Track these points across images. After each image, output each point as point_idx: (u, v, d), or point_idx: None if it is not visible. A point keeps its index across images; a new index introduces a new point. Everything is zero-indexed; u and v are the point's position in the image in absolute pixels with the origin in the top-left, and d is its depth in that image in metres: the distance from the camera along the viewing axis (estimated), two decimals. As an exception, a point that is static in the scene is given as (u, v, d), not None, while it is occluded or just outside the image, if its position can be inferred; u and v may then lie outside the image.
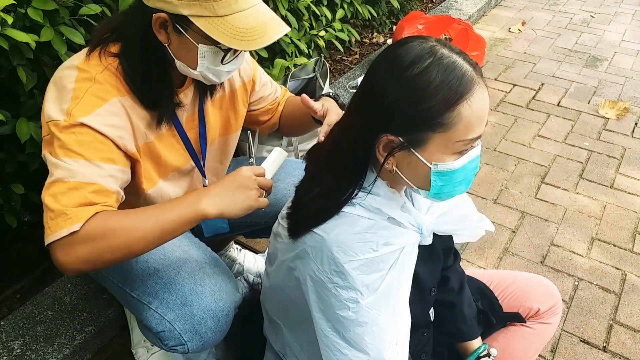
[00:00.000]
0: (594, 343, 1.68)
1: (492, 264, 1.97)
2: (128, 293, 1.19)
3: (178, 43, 1.03)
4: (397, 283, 0.89)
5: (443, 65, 0.78)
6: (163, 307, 1.13)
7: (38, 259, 1.75)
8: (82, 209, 0.93)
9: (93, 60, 1.04)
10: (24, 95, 1.43)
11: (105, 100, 1.01)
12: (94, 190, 0.96)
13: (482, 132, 0.84)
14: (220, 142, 1.35)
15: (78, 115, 0.97)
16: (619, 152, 2.66)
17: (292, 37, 2.39)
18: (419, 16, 3.24)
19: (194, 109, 1.23)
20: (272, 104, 1.45)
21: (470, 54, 2.97)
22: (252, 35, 0.99)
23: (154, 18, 0.99)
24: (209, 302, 1.14)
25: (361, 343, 0.86)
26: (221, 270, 1.24)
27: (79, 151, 0.97)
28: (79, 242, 0.92)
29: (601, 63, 3.58)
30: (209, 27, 0.97)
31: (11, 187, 1.48)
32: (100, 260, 0.95)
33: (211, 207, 0.98)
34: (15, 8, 1.29)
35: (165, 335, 1.13)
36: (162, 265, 1.18)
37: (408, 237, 0.91)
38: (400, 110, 0.80)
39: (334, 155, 0.90)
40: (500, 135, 2.76)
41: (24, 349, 1.41)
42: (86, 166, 0.96)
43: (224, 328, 1.18)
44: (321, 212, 0.88)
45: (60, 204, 0.93)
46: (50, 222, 0.94)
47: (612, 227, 2.17)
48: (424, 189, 0.87)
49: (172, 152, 1.21)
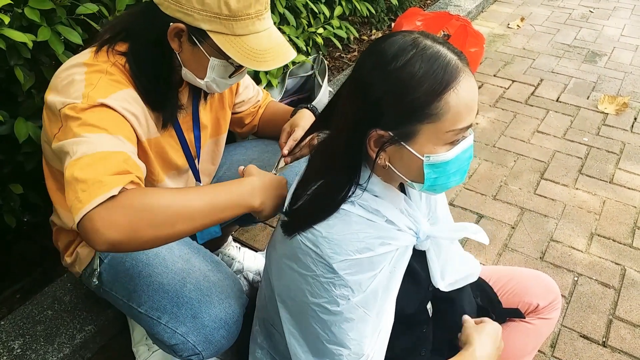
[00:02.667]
0: (594, 338, 1.68)
1: (491, 260, 1.97)
2: (135, 309, 1.18)
3: (190, 53, 1.06)
4: (386, 283, 0.90)
5: (426, 55, 0.78)
6: (174, 322, 1.13)
7: (38, 259, 1.75)
8: (118, 177, 0.86)
9: (100, 57, 1.05)
10: (22, 95, 1.43)
11: (121, 88, 1.02)
12: (124, 159, 0.90)
13: (473, 121, 0.84)
14: (212, 143, 1.37)
15: (96, 97, 0.96)
16: (618, 147, 2.66)
17: (290, 34, 2.39)
18: (417, 13, 3.23)
19: (189, 109, 1.24)
20: (254, 106, 1.48)
21: (469, 50, 2.98)
22: (264, 57, 1.03)
23: (171, 27, 1.01)
24: (218, 311, 1.15)
25: (344, 338, 0.87)
26: (225, 276, 1.24)
27: (101, 125, 0.93)
28: (119, 206, 0.82)
29: (600, 58, 3.57)
30: (225, 44, 1.01)
31: (10, 187, 1.48)
32: (139, 234, 0.84)
33: (258, 200, 0.99)
34: (12, 8, 1.28)
35: (179, 347, 1.14)
36: (167, 279, 1.17)
37: (404, 240, 0.92)
38: (387, 104, 0.80)
39: (327, 154, 0.91)
40: (499, 131, 2.76)
41: (24, 349, 1.42)
42: (110, 139, 0.92)
43: (235, 334, 1.18)
44: (318, 210, 0.88)
45: (92, 174, 0.84)
46: (82, 193, 0.83)
47: (611, 222, 2.17)
48: (418, 182, 0.88)
49: (173, 151, 1.22)
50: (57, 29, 1.36)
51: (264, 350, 1.13)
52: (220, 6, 0.97)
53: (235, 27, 1.00)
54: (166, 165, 1.22)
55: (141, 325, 1.21)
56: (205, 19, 0.99)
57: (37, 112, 1.40)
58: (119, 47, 1.06)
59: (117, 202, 0.83)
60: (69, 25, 1.41)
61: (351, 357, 0.88)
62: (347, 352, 0.87)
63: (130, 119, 1.01)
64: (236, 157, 1.53)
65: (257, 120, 1.50)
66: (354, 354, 0.88)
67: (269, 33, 1.06)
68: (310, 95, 2.42)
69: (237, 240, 1.96)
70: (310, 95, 2.42)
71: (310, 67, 2.42)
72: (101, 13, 1.47)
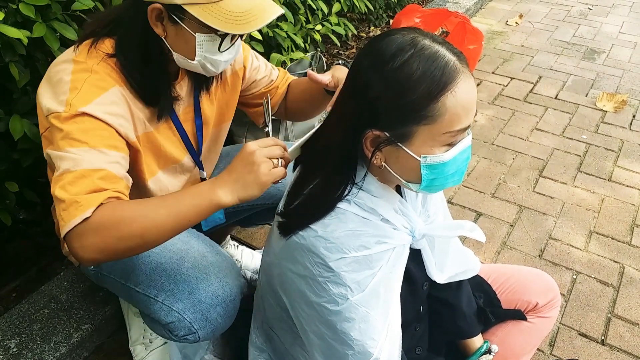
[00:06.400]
0: (592, 336, 1.68)
1: (490, 258, 1.97)
2: (132, 289, 1.18)
3: (175, 34, 1.03)
4: (387, 282, 0.89)
5: (424, 56, 0.77)
6: (170, 299, 1.13)
7: (34, 258, 1.74)
8: (93, 196, 0.91)
9: (90, 54, 1.03)
10: (17, 92, 1.41)
11: (105, 89, 1.01)
12: (101, 176, 0.94)
13: (471, 122, 0.83)
14: (214, 132, 1.35)
15: (78, 105, 0.96)
16: (617, 144, 2.66)
17: (288, 31, 2.37)
18: (416, 9, 3.22)
19: (189, 100, 1.22)
20: (267, 87, 1.40)
21: (467, 47, 2.97)
22: (246, 18, 0.99)
23: (149, 10, 0.99)
24: (216, 288, 1.15)
25: (346, 338, 0.86)
26: (223, 258, 1.24)
27: (82, 139, 0.95)
28: (92, 229, 0.89)
29: (599, 55, 3.57)
30: (202, 13, 0.97)
31: (5, 185, 1.47)
32: (115, 249, 0.92)
33: (225, 195, 0.95)
34: (7, 4, 1.27)
35: (175, 325, 1.13)
36: (165, 258, 1.18)
37: (400, 239, 0.91)
38: (384, 105, 0.79)
39: (324, 153, 0.90)
40: (497, 129, 2.76)
41: (21, 348, 1.41)
42: (91, 153, 0.95)
43: (232, 313, 1.18)
44: (314, 209, 0.88)
45: (70, 193, 0.91)
46: (63, 212, 0.91)
47: (610, 220, 2.17)
48: (415, 182, 0.87)
49: (170, 144, 1.20)
50: (52, 25, 1.35)
51: (264, 352, 1.13)
52: None
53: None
54: (161, 159, 1.20)
55: (138, 306, 1.22)
56: None
57: (33, 109, 1.38)
58: (106, 42, 1.05)
59: (89, 224, 0.90)
60: (64, 21, 1.39)
61: (356, 357, 0.86)
62: (352, 352, 0.86)
63: (113, 124, 1.00)
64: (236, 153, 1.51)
65: (277, 101, 1.41)
66: (359, 354, 0.86)
67: None
68: (308, 93, 2.41)
69: (235, 239, 1.95)
70: (308, 93, 2.41)
71: (309, 64, 2.41)
72: (97, 9, 1.45)
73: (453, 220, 1.05)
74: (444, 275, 1.03)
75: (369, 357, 0.87)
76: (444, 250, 1.04)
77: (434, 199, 1.08)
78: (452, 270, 1.05)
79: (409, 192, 1.01)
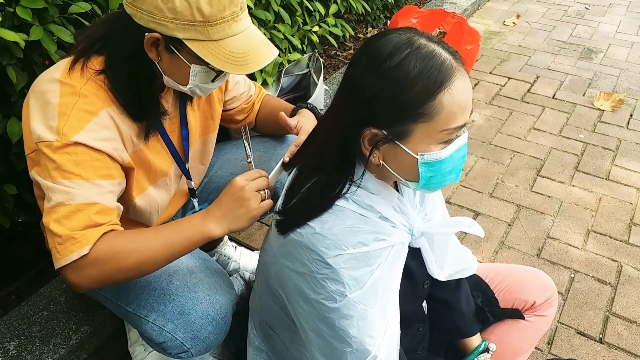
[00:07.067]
0: (590, 335, 1.69)
1: (488, 258, 1.97)
2: (123, 308, 1.19)
3: (169, 61, 1.04)
4: (386, 279, 0.89)
5: (421, 55, 0.78)
6: (161, 319, 1.14)
7: (33, 260, 1.74)
8: (89, 231, 0.94)
9: (75, 73, 1.02)
10: (15, 95, 1.42)
11: (94, 114, 1.00)
12: (97, 210, 0.96)
13: (467, 120, 0.84)
14: (200, 142, 1.35)
15: (70, 134, 0.96)
16: (614, 143, 2.66)
17: (286, 32, 2.38)
18: (413, 10, 3.23)
19: (175, 112, 1.22)
20: (246, 102, 1.45)
21: (464, 47, 2.97)
22: (245, 59, 1.01)
23: (147, 37, 0.98)
24: (205, 308, 1.15)
25: (344, 335, 0.86)
26: (213, 272, 1.24)
27: (75, 172, 0.96)
28: (90, 264, 0.94)
29: (596, 55, 3.58)
30: (203, 50, 0.98)
31: (4, 188, 1.47)
32: (111, 280, 0.98)
33: (216, 228, 1.01)
34: (4, 7, 1.27)
35: (167, 345, 1.14)
36: (153, 277, 1.17)
37: (398, 237, 0.92)
38: (381, 104, 0.79)
39: (322, 152, 0.90)
40: (495, 129, 2.76)
41: (20, 350, 1.41)
42: (85, 186, 0.96)
43: (224, 330, 1.18)
44: (313, 207, 0.88)
45: (66, 228, 0.93)
46: (59, 246, 0.94)
47: (607, 218, 2.17)
48: (413, 180, 0.87)
49: (158, 157, 1.20)
50: (49, 28, 1.35)
51: (262, 352, 1.13)
52: (193, 13, 0.94)
53: (211, 32, 0.97)
54: (151, 175, 1.20)
55: (131, 324, 1.22)
56: (180, 27, 0.96)
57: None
58: (94, 61, 1.03)
59: (87, 259, 0.94)
60: (61, 24, 1.40)
61: (355, 354, 0.87)
62: (350, 350, 0.87)
63: (107, 150, 1.00)
64: (227, 155, 1.52)
65: (253, 116, 1.47)
66: (357, 351, 0.87)
67: (247, 34, 1.03)
68: (306, 94, 2.42)
69: (233, 240, 1.95)
70: (306, 94, 2.42)
71: (306, 66, 2.41)
72: (94, 12, 1.46)
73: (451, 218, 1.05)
74: (444, 273, 1.04)
75: (368, 355, 0.87)
76: (443, 247, 1.05)
77: (431, 197, 1.08)
78: (453, 268, 1.06)
79: (407, 190, 1.01)
